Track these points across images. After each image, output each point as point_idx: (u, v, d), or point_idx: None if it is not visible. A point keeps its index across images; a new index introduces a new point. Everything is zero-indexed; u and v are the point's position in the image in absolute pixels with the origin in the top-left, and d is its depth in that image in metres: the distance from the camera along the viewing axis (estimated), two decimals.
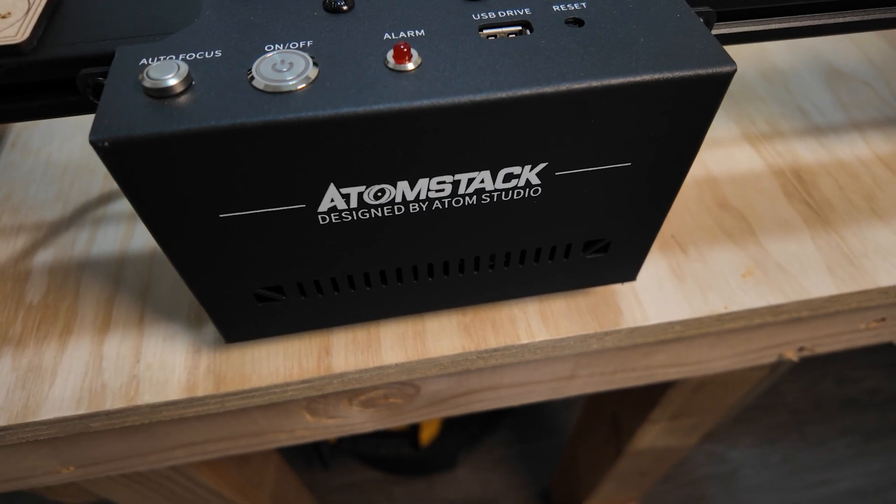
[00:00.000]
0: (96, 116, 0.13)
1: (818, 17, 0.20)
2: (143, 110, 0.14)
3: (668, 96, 0.15)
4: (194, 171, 0.14)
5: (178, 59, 0.15)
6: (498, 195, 0.17)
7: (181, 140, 0.13)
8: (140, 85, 0.14)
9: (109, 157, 0.13)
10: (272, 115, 0.14)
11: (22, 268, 0.26)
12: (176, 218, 0.15)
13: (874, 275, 0.27)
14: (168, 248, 0.16)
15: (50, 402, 0.22)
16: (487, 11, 0.16)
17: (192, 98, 0.14)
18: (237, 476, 0.54)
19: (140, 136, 0.13)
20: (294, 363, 0.23)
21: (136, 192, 0.14)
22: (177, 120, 0.13)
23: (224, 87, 0.14)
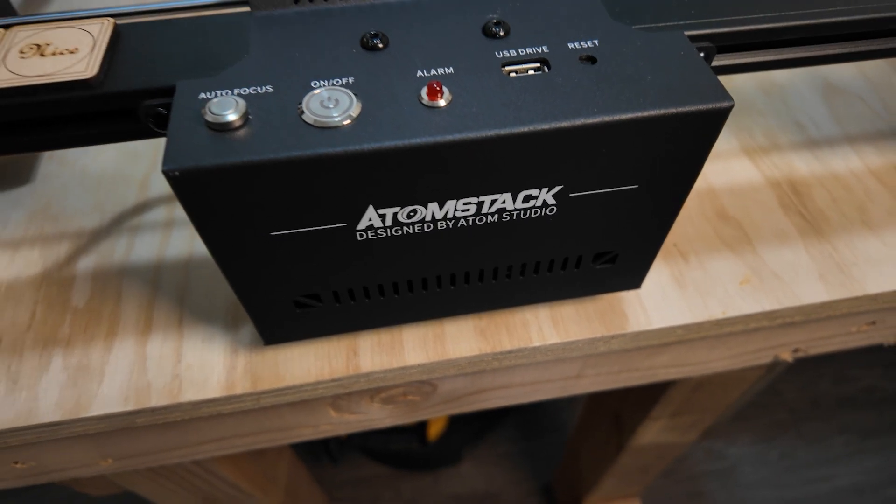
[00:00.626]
0: (166, 149, 0.15)
1: (812, 49, 0.21)
2: (206, 143, 0.15)
3: (671, 128, 0.17)
4: (251, 196, 0.16)
5: (234, 95, 0.16)
6: (517, 214, 0.19)
7: (242, 170, 0.15)
8: (203, 119, 0.16)
9: (179, 185, 0.15)
10: (322, 149, 0.15)
11: (66, 273, 0.28)
12: (232, 237, 0.17)
13: (863, 283, 0.28)
14: (223, 262, 0.18)
15: (99, 400, 0.24)
16: (509, 49, 0.18)
17: (250, 132, 0.16)
18: (254, 470, 0.56)
19: (205, 167, 0.15)
20: (324, 363, 0.25)
21: (200, 215, 0.16)
22: (238, 152, 0.15)
23: (278, 121, 0.16)
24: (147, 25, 0.19)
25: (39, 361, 0.25)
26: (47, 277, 0.28)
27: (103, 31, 0.18)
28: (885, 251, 0.29)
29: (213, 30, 0.19)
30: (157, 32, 0.19)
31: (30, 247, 0.29)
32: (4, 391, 0.25)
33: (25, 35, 0.18)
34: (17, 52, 0.18)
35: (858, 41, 0.21)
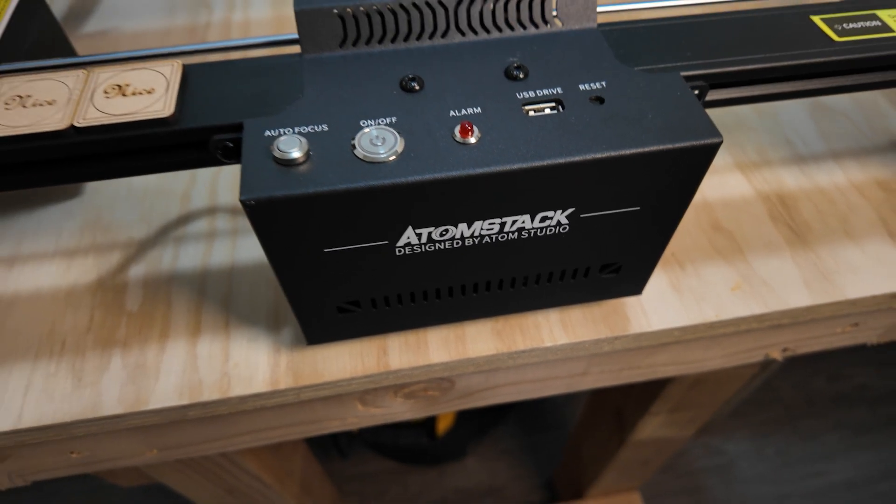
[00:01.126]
0: (242, 181, 0.18)
1: (793, 85, 0.24)
2: (275, 176, 0.18)
3: (669, 160, 0.20)
4: (312, 220, 0.19)
5: (296, 133, 0.19)
6: (534, 231, 0.22)
7: (306, 200, 0.18)
8: (271, 154, 0.18)
9: (254, 212, 0.18)
10: (373, 182, 0.18)
11: (119, 280, 0.31)
12: (292, 253, 0.20)
13: (844, 289, 0.31)
14: (282, 274, 0.21)
15: (157, 394, 0.27)
16: (528, 90, 0.21)
17: (312, 166, 0.18)
18: (273, 463, 0.59)
19: (276, 198, 0.18)
20: (358, 361, 0.28)
21: (268, 236, 0.19)
22: (303, 184, 0.18)
23: (334, 157, 0.19)
24: (210, 66, 0.22)
25: (100, 361, 0.28)
26: (102, 284, 0.31)
27: (174, 72, 0.21)
28: (865, 260, 0.32)
29: (270, 71, 0.22)
30: (220, 73, 0.22)
31: (84, 255, 0.32)
32: (71, 387, 0.27)
33: (106, 76, 0.21)
34: (101, 92, 0.21)
35: (833, 77, 0.24)
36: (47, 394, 0.27)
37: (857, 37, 0.24)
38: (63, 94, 0.20)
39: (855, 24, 0.24)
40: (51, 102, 0.20)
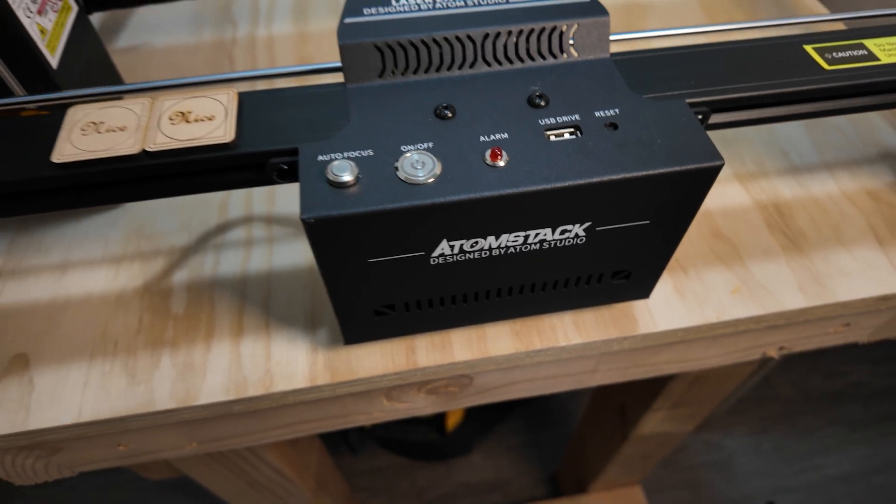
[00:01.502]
0: (302, 201, 0.20)
1: (787, 109, 0.26)
2: (330, 197, 0.20)
3: (675, 181, 0.22)
4: (360, 235, 0.21)
5: (345, 158, 0.21)
6: (554, 242, 0.24)
7: (357, 218, 0.20)
8: (325, 177, 0.21)
9: (312, 228, 0.20)
10: (415, 202, 0.20)
11: (164, 285, 0.33)
12: (341, 263, 0.22)
13: (836, 292, 0.33)
14: (329, 281, 0.23)
15: (205, 391, 0.29)
16: (549, 117, 0.23)
17: (361, 188, 0.21)
18: (293, 457, 0.61)
19: (332, 216, 0.20)
20: (388, 359, 0.30)
21: (321, 248, 0.21)
22: (355, 204, 0.20)
23: (380, 180, 0.21)
24: (263, 94, 0.24)
25: (151, 360, 0.30)
26: (148, 289, 0.33)
27: (231, 100, 0.23)
28: (856, 265, 0.34)
29: (318, 99, 0.24)
30: (272, 101, 0.24)
31: (130, 262, 0.34)
32: (126, 385, 0.30)
33: (170, 104, 0.23)
34: (167, 118, 0.23)
35: (824, 101, 0.26)
36: (104, 390, 0.29)
37: (846, 65, 0.26)
38: (132, 121, 0.23)
39: (844, 53, 0.27)
40: (122, 128, 0.22)
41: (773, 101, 0.26)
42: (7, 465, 0.35)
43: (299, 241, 0.35)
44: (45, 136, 0.22)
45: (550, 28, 0.25)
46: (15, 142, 0.22)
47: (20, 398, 0.29)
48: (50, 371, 0.30)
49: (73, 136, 0.22)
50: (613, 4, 0.52)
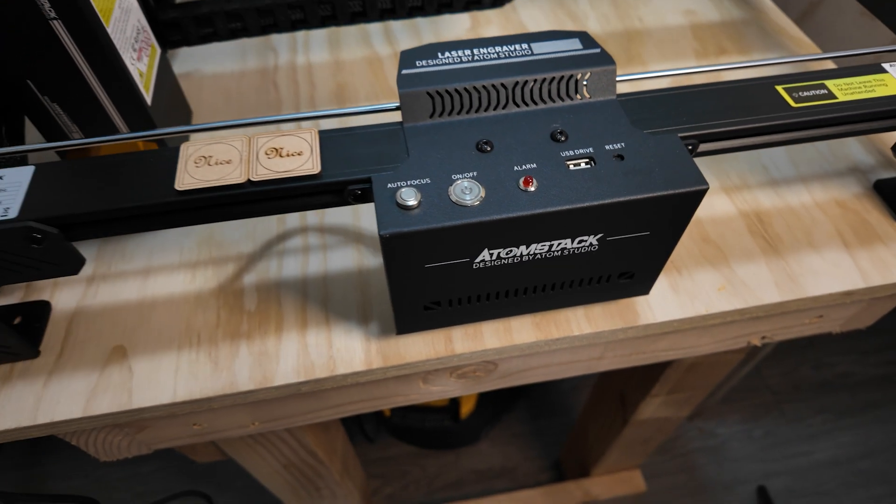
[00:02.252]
0: (378, 221, 0.26)
1: (762, 139, 0.32)
2: (400, 217, 0.26)
3: (670, 201, 0.27)
4: (422, 246, 0.27)
5: (409, 185, 0.27)
6: (572, 250, 0.30)
7: (421, 233, 0.26)
8: (395, 201, 0.26)
9: (387, 242, 0.26)
10: (465, 220, 0.26)
11: (236, 286, 0.39)
12: (405, 268, 0.28)
13: (807, 288, 0.39)
14: (394, 283, 0.29)
15: (280, 374, 0.35)
16: (569, 150, 0.29)
17: (423, 210, 0.26)
18: (325, 441, 0.67)
19: (402, 232, 0.25)
20: (430, 347, 0.36)
21: (391, 257, 0.27)
22: (419, 223, 0.26)
23: (437, 202, 0.26)
24: (337, 133, 0.30)
25: (231, 349, 0.36)
26: (223, 289, 0.39)
27: (313, 138, 0.29)
28: (824, 265, 0.40)
29: (382, 137, 0.29)
30: (345, 138, 0.29)
31: (204, 267, 0.40)
32: (210, 370, 0.35)
33: (264, 141, 0.29)
34: (263, 153, 0.28)
35: (792, 132, 0.32)
36: (193, 375, 0.35)
37: (810, 103, 0.32)
38: (235, 156, 0.28)
39: (808, 93, 0.32)
40: (228, 162, 0.28)
41: (749, 134, 0.31)
42: (97, 442, 0.41)
43: (349, 247, 0.40)
44: (164, 168, 0.28)
45: (568, 76, 0.30)
46: (142, 172, 0.28)
47: (122, 382, 0.35)
48: (145, 359, 0.36)
49: (189, 168, 0.27)
50: (614, 32, 0.58)
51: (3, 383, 0.35)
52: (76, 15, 0.29)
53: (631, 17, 0.59)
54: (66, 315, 0.38)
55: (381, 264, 0.39)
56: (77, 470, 1.27)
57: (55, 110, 0.33)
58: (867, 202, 0.44)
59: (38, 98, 0.32)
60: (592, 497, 1.03)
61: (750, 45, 0.57)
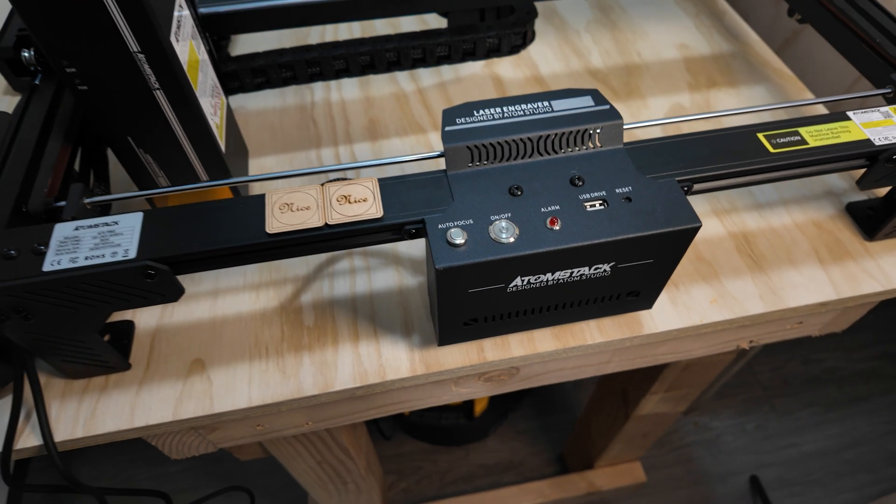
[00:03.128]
0: (434, 257, 0.31)
1: (745, 178, 0.37)
2: (451, 253, 0.31)
3: (669, 236, 0.33)
4: (468, 276, 0.32)
5: (456, 226, 0.32)
6: (589, 275, 0.35)
7: (468, 266, 0.31)
8: (446, 240, 0.32)
9: (441, 274, 0.31)
10: (504, 255, 0.31)
11: (296, 304, 0.44)
12: (452, 293, 0.33)
13: (787, 300, 0.45)
14: (442, 304, 0.34)
15: (338, 381, 0.40)
16: (586, 193, 0.34)
17: (468, 247, 0.32)
18: (354, 440, 0.72)
19: (454, 266, 0.31)
20: (465, 356, 0.41)
21: (444, 285, 0.32)
22: (466, 257, 0.31)
23: (479, 240, 0.32)
24: (393, 181, 0.35)
25: (295, 360, 0.41)
26: (284, 308, 0.44)
27: (375, 186, 0.34)
28: (802, 279, 0.46)
29: (430, 184, 0.35)
30: (399, 185, 0.35)
31: (266, 288, 0.45)
32: (280, 378, 0.40)
33: (334, 190, 0.34)
34: (335, 200, 0.34)
35: (771, 173, 0.37)
36: (264, 383, 0.40)
37: (785, 148, 0.37)
38: (313, 202, 0.34)
39: (784, 139, 0.38)
40: (307, 208, 0.33)
41: (735, 175, 0.37)
42: (174, 442, 0.46)
43: (389, 269, 0.46)
44: (254, 213, 0.33)
45: (583, 130, 0.36)
46: (236, 218, 0.33)
47: (204, 390, 0.40)
48: (221, 370, 0.41)
49: (276, 214, 0.33)
50: (615, 66, 0.63)
51: (102, 392, 0.40)
52: (175, 86, 0.34)
53: (630, 51, 0.65)
54: (148, 332, 0.43)
55: (419, 283, 0.45)
56: (105, 472, 1.32)
57: (147, 160, 0.39)
58: (840, 222, 0.49)
59: (135, 150, 0.38)
60: (596, 488, 1.08)
61: (737, 77, 0.62)
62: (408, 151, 0.55)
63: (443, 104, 0.59)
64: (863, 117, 0.39)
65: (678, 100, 0.60)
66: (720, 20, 0.69)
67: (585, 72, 0.63)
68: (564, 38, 0.66)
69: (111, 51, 0.31)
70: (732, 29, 0.68)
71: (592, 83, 0.61)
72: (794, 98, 0.60)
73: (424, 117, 0.58)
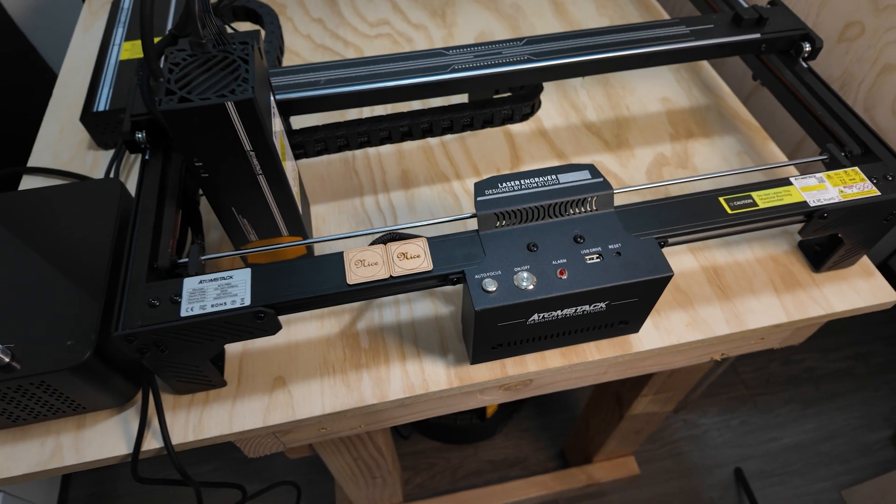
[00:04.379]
0: (473, 301, 0.41)
1: (712, 233, 0.48)
2: (486, 298, 0.41)
3: (650, 282, 0.43)
4: (497, 314, 0.42)
5: (488, 276, 0.42)
6: (589, 311, 0.45)
7: (499, 308, 0.41)
8: (482, 287, 0.42)
9: (479, 314, 0.41)
10: (524, 299, 0.41)
11: (353, 330, 0.54)
12: (486, 326, 0.43)
13: (748, 323, 0.55)
14: (476, 335, 0.44)
15: (391, 392, 0.50)
16: (585, 249, 0.44)
17: (498, 293, 0.42)
18: (384, 439, 0.82)
19: (488, 308, 0.41)
20: (490, 372, 0.51)
21: (480, 322, 0.42)
22: (497, 301, 0.41)
23: (507, 287, 0.42)
24: (438, 239, 0.45)
25: (356, 376, 0.51)
26: (343, 333, 0.54)
27: (424, 244, 0.44)
28: (760, 306, 0.56)
29: (466, 242, 0.45)
30: (444, 243, 0.45)
31: (328, 317, 0.55)
32: (345, 391, 0.50)
33: (394, 248, 0.44)
34: (396, 257, 0.44)
35: (730, 228, 0.48)
36: (334, 395, 0.50)
37: (740, 209, 0.47)
38: (379, 259, 0.44)
39: (739, 202, 0.48)
40: (375, 264, 0.43)
41: (700, 231, 0.47)
42: (255, 444, 0.56)
43: (426, 300, 0.56)
44: (335, 268, 0.43)
45: (583, 198, 0.46)
46: (322, 272, 0.43)
47: (286, 401, 0.50)
48: (299, 385, 0.51)
49: (353, 269, 0.43)
50: (607, 119, 0.73)
51: (205, 405, 0.50)
52: (273, 170, 0.44)
53: (620, 105, 0.75)
54: (236, 356, 0.53)
55: (451, 312, 0.55)
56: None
57: (242, 221, 0.48)
58: (793, 257, 0.60)
59: (235, 216, 0.47)
60: (595, 480, 1.18)
61: (711, 128, 0.73)
62: (435, 199, 0.65)
63: (463, 156, 0.69)
64: (801, 182, 0.49)
65: (661, 150, 0.70)
66: (698, 74, 0.80)
67: (582, 125, 0.73)
68: (564, 94, 0.76)
69: (232, 152, 0.41)
70: (708, 82, 0.78)
71: (588, 135, 0.72)
72: (758, 146, 0.70)
73: (448, 168, 0.68)
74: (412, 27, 0.86)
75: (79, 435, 0.49)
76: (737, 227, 0.48)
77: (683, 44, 0.59)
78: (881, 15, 0.68)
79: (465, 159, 0.69)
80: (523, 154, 0.69)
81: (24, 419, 0.48)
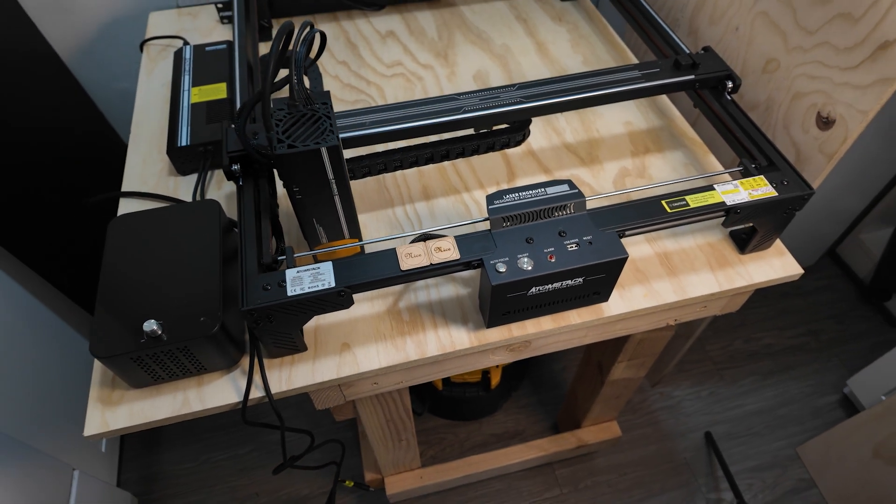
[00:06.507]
0: (491, 279, 0.58)
1: (658, 226, 0.65)
2: (498, 276, 0.59)
3: (612, 262, 0.61)
4: (507, 288, 0.59)
5: (500, 261, 0.60)
6: (570, 284, 0.63)
7: (508, 283, 0.59)
8: (496, 270, 0.59)
9: (495, 288, 0.59)
10: (526, 276, 0.59)
11: (395, 308, 0.71)
12: (500, 298, 0.61)
13: (690, 293, 0.72)
14: (493, 304, 0.61)
15: (429, 351, 0.67)
16: (567, 240, 0.62)
17: (507, 273, 0.59)
18: (406, 408, 0.99)
19: (500, 283, 0.58)
20: (500, 334, 0.68)
21: (495, 294, 0.60)
22: (507, 278, 0.58)
23: (512, 269, 0.59)
24: (462, 237, 0.62)
25: (401, 341, 0.68)
26: (389, 311, 0.71)
27: (452, 241, 0.62)
28: (700, 280, 0.73)
29: (482, 239, 0.62)
30: (465, 239, 0.62)
31: (375, 299, 0.72)
32: (395, 352, 0.67)
33: (432, 244, 0.61)
34: (434, 250, 0.61)
35: (669, 223, 0.65)
36: (385, 354, 0.67)
37: (677, 209, 0.65)
38: (423, 251, 0.61)
39: (676, 204, 0.66)
40: (419, 255, 0.61)
41: (648, 226, 0.65)
42: (323, 395, 0.73)
43: (450, 284, 0.73)
44: (391, 260, 0.60)
45: (564, 204, 0.63)
46: (382, 262, 0.60)
47: (352, 360, 0.67)
48: (360, 349, 0.68)
49: (404, 259, 0.60)
50: (581, 140, 0.91)
51: (292, 365, 0.67)
52: (345, 191, 0.61)
53: (591, 129, 0.93)
54: (311, 328, 0.70)
55: (468, 292, 0.72)
56: (186, 456, 1.57)
57: (318, 228, 0.66)
58: (724, 243, 0.77)
59: (314, 224, 0.65)
60: (584, 442, 1.36)
61: (664, 145, 0.91)
62: (450, 207, 0.82)
63: (469, 173, 0.86)
64: (721, 187, 0.67)
65: (624, 163, 0.88)
66: (654, 102, 0.98)
67: (562, 145, 0.90)
68: (547, 121, 0.94)
69: (321, 181, 0.58)
70: (662, 108, 0.97)
71: (567, 153, 0.89)
72: (701, 159, 0.88)
73: (459, 183, 0.85)
74: (421, 67, 1.04)
75: (200, 390, 0.65)
76: (675, 222, 0.66)
77: (637, 85, 0.77)
78: (791, 54, 0.86)
79: (471, 176, 0.86)
80: (517, 170, 0.87)
81: (163, 378, 0.64)
